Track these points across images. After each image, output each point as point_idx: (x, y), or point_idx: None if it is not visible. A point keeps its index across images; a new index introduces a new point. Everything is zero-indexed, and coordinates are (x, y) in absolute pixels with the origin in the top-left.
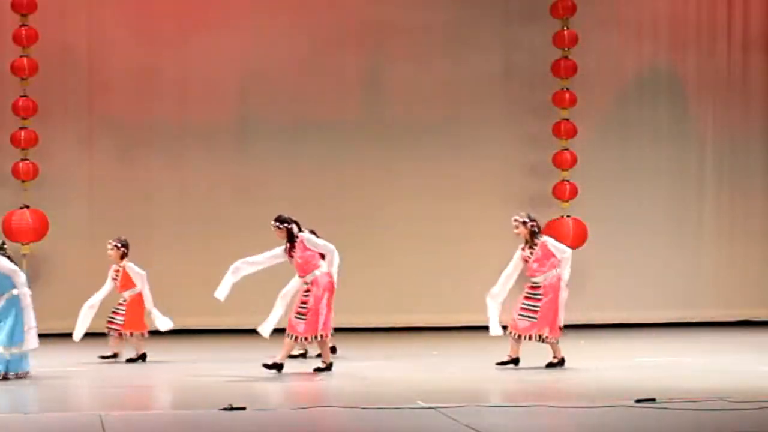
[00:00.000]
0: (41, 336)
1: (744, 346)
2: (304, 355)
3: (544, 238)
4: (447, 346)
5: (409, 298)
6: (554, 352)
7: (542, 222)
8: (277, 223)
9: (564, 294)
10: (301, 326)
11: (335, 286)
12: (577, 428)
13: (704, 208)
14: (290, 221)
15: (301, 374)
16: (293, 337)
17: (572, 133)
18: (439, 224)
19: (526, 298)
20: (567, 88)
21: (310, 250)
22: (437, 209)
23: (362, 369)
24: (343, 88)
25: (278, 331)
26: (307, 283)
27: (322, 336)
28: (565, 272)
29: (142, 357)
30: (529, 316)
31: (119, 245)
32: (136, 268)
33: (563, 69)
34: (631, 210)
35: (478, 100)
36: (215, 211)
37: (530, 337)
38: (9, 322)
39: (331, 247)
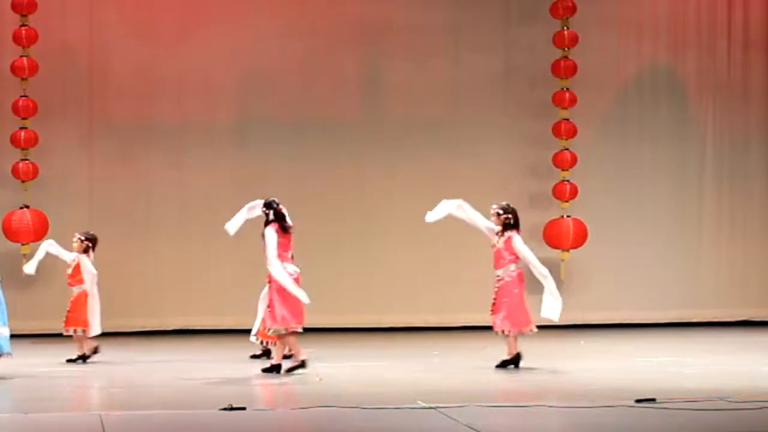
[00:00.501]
0: (41, 336)
1: (744, 346)
2: (267, 355)
3: (511, 234)
4: (447, 346)
5: (409, 298)
6: (508, 347)
7: (542, 222)
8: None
9: (549, 283)
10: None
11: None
12: (577, 428)
13: (704, 208)
14: (270, 207)
15: (300, 374)
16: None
17: (572, 133)
18: (439, 224)
19: (494, 292)
20: (567, 88)
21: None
22: None
23: (362, 369)
24: (343, 87)
25: None
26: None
27: (285, 330)
28: (537, 268)
29: (83, 358)
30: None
31: (83, 239)
32: (89, 265)
33: (563, 69)
34: (631, 210)
35: (478, 100)
36: (215, 211)
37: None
38: None
39: (269, 249)
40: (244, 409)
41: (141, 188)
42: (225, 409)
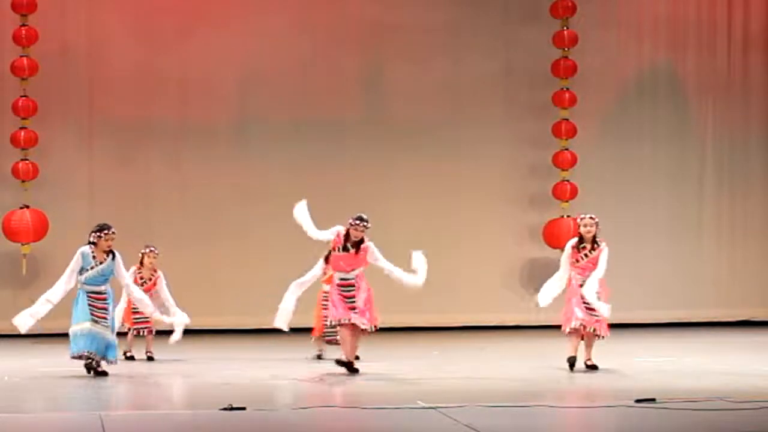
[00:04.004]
0: (43, 336)
1: (744, 346)
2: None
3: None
4: (447, 346)
5: (409, 298)
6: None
7: (542, 222)
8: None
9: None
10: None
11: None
12: (577, 428)
13: (704, 208)
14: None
15: (300, 374)
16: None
17: (572, 133)
18: (439, 223)
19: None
20: (567, 88)
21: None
22: (437, 208)
23: (363, 369)
24: (344, 87)
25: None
26: None
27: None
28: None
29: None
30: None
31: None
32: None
33: (563, 69)
34: (631, 210)
35: (478, 100)
36: (215, 210)
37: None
38: None
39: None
40: (244, 409)
41: (141, 188)
42: (225, 409)
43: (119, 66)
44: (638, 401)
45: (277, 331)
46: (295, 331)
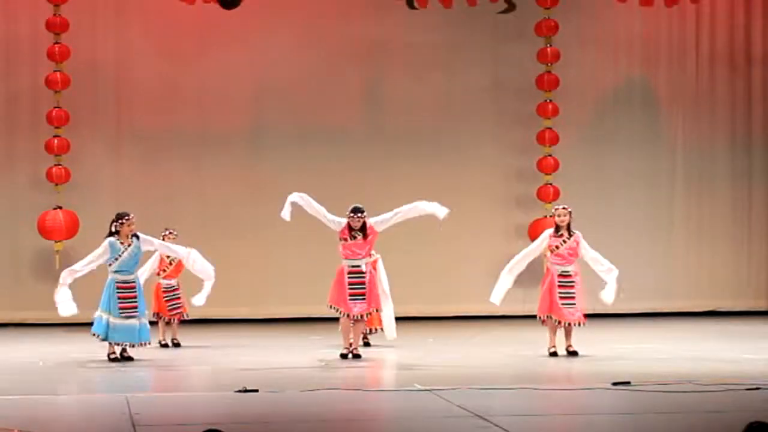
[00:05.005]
0: (73, 325)
1: (711, 334)
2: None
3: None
4: (441, 334)
5: (407, 290)
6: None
7: (527, 221)
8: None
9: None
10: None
11: None
12: (559, 408)
13: (675, 210)
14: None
15: (307, 359)
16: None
17: (555, 140)
18: (434, 222)
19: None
20: (550, 100)
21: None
22: None
23: (364, 355)
24: (348, 99)
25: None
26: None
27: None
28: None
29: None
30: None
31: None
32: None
33: (546, 82)
34: (608, 211)
35: (470, 111)
36: (230, 211)
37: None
38: None
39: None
40: (256, 391)
41: (163, 191)
42: (240, 391)
43: (144, 80)
44: (615, 384)
45: (286, 321)
46: (302, 320)
